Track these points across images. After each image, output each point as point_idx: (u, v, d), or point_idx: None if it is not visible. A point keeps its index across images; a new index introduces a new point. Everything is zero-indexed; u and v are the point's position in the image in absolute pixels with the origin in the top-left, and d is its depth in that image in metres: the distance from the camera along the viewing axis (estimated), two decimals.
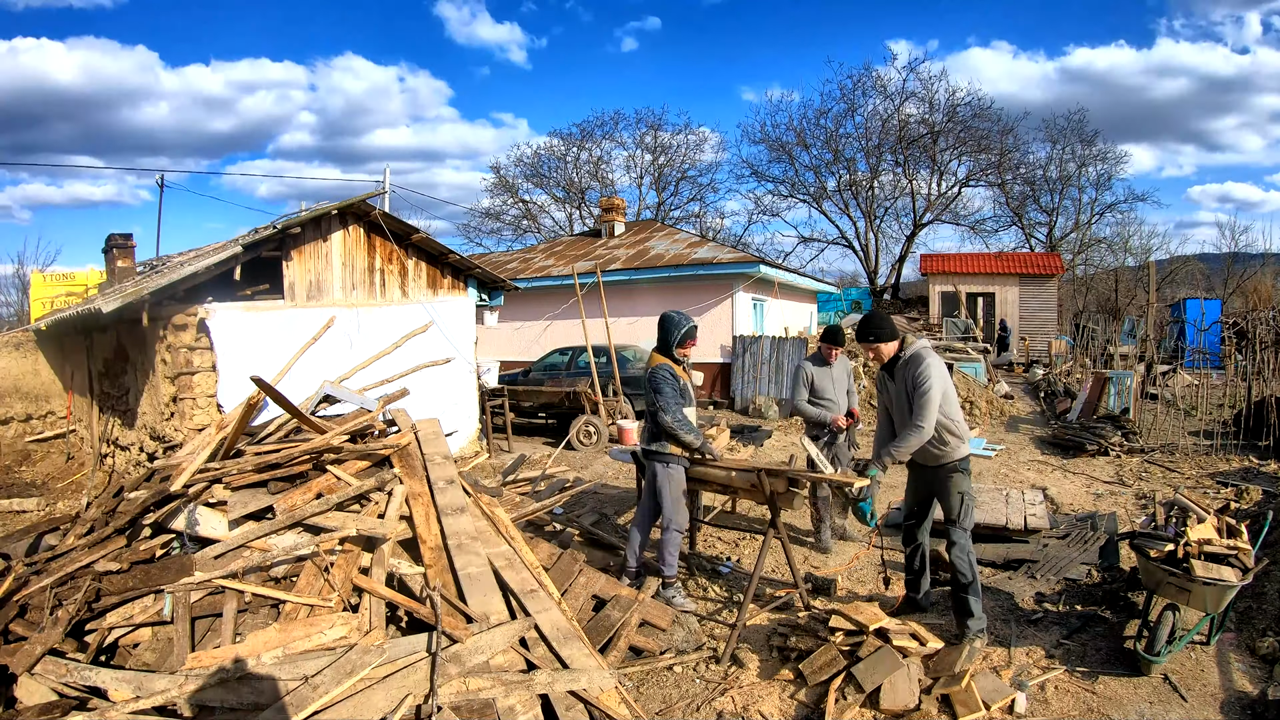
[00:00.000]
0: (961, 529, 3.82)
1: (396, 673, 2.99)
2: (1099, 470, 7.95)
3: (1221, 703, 3.31)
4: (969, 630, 3.78)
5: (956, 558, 3.80)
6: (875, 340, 3.85)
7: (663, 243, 16.76)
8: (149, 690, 2.89)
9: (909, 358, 3.82)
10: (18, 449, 10.08)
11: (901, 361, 3.86)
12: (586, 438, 9.88)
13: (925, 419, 3.63)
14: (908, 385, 3.78)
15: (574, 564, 4.16)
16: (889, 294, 28.97)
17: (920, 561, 4.23)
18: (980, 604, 3.83)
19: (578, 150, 33.01)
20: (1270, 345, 12.88)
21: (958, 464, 3.84)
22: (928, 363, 3.72)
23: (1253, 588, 4.45)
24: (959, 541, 3.82)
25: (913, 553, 4.24)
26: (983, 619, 3.82)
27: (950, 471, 3.84)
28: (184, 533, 3.65)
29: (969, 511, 3.85)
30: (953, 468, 3.84)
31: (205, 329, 6.59)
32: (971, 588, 3.79)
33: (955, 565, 3.81)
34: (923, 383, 3.67)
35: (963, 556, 3.80)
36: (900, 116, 28.96)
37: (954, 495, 3.83)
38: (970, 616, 3.80)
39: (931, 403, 3.64)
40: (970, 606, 3.80)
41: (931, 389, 3.65)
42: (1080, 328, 18.07)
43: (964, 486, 3.84)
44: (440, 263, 8.76)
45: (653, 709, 3.37)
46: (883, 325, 3.87)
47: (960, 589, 3.81)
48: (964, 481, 3.85)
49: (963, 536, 3.82)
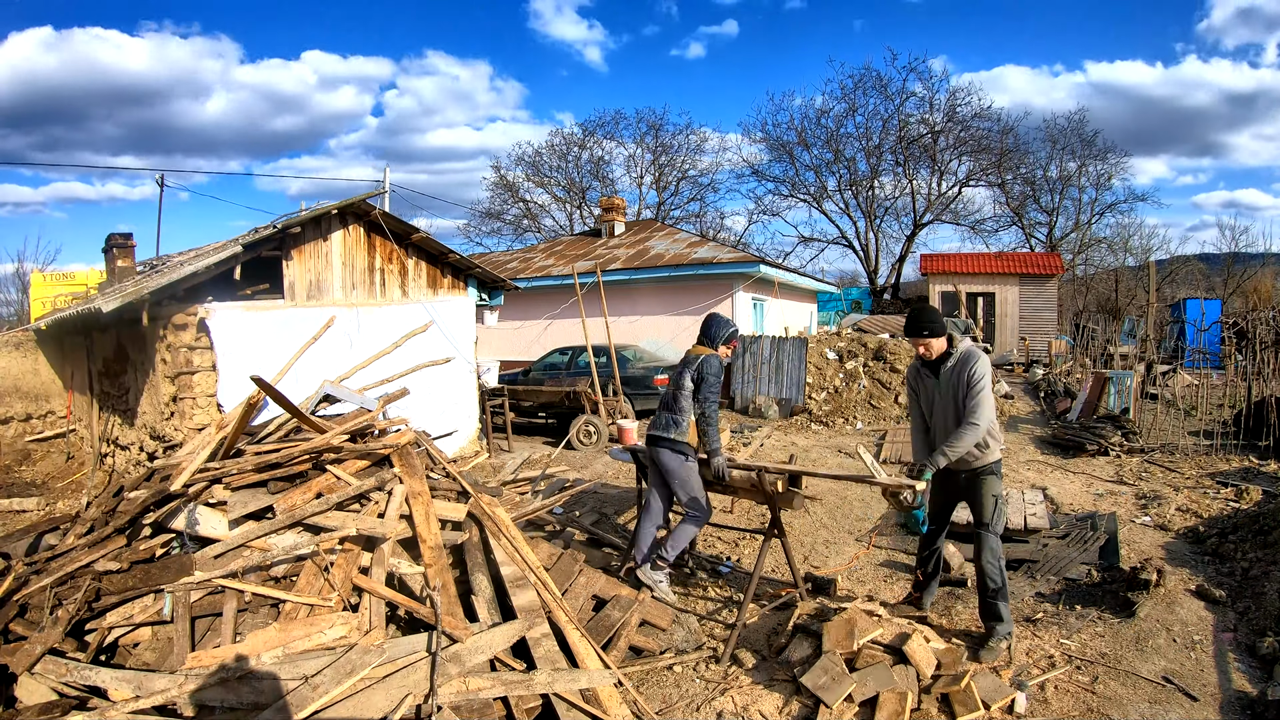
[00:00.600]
0: (993, 533, 3.77)
1: (396, 673, 3.00)
2: (1099, 470, 7.95)
3: (1221, 703, 3.31)
4: (996, 633, 3.76)
5: (987, 562, 3.74)
6: (929, 335, 3.76)
7: (663, 242, 16.76)
8: (149, 690, 2.89)
9: (961, 356, 3.75)
10: (18, 449, 10.08)
11: (953, 359, 3.77)
12: (586, 437, 9.88)
13: (981, 417, 3.60)
14: (960, 384, 3.72)
15: (574, 564, 4.17)
16: (889, 294, 28.96)
17: (934, 566, 4.19)
18: (1009, 609, 3.79)
19: (578, 150, 33.06)
20: (1270, 345, 12.88)
21: (993, 466, 3.81)
22: (981, 360, 3.69)
23: (1253, 587, 4.46)
24: (990, 545, 3.76)
25: (928, 557, 4.19)
26: (1010, 624, 3.80)
27: (985, 474, 3.79)
28: (184, 532, 3.65)
29: (1001, 515, 3.81)
30: (988, 470, 3.80)
31: (205, 328, 6.59)
32: (1001, 593, 3.75)
33: (985, 570, 3.75)
34: (977, 380, 3.64)
35: (994, 561, 3.74)
36: (901, 116, 29.00)
37: (988, 498, 3.79)
38: (999, 621, 3.77)
39: (986, 401, 3.62)
40: (999, 611, 3.76)
41: (987, 387, 3.63)
42: (1080, 328, 18.06)
43: (997, 490, 3.81)
44: (440, 262, 8.76)
45: (653, 709, 3.37)
46: (935, 320, 3.77)
47: (989, 594, 3.76)
48: (997, 485, 3.81)
49: (994, 540, 3.77)
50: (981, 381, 3.64)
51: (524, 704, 3.08)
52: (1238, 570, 4.79)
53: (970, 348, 3.79)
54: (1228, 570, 4.85)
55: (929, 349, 3.79)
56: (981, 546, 3.78)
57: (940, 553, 4.18)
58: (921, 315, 3.79)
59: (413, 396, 5.68)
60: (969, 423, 3.61)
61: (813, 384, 12.12)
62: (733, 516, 6.45)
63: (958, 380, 3.74)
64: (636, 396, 11.16)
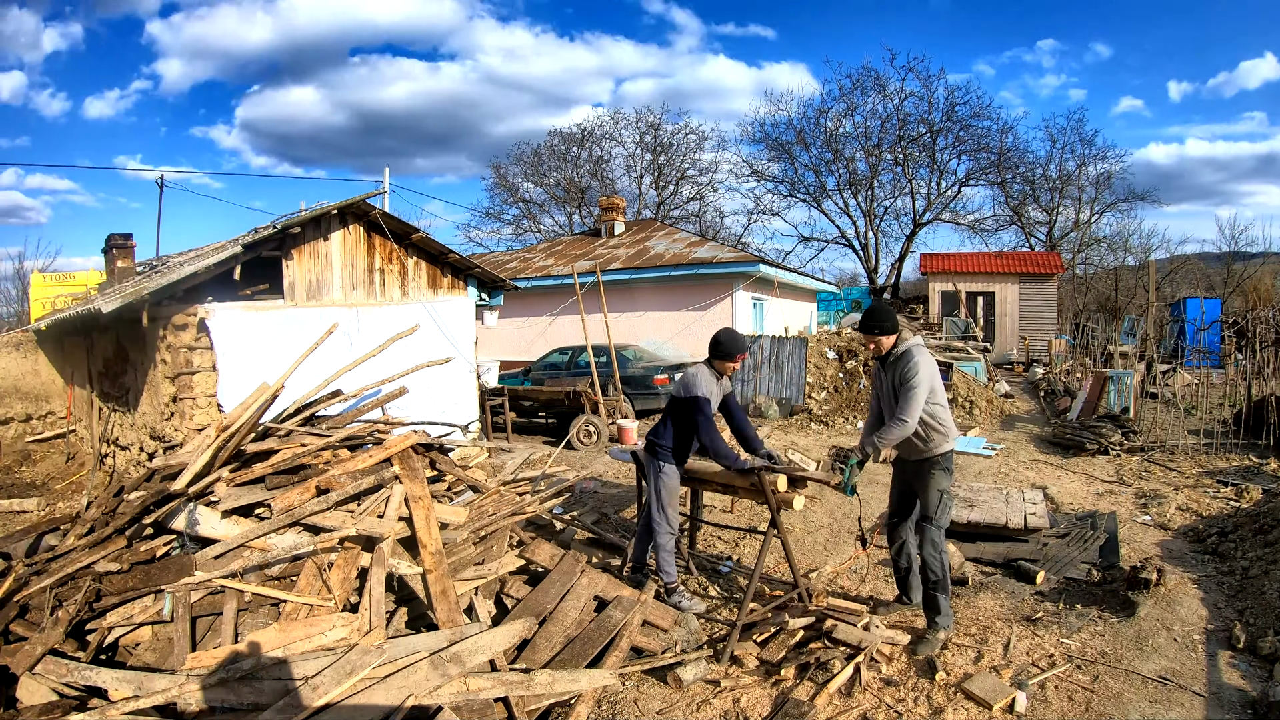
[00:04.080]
0: (936, 526, 3.87)
1: (397, 673, 3.00)
2: (1099, 469, 7.95)
3: (1221, 703, 3.31)
4: (935, 624, 3.88)
5: (928, 555, 3.85)
6: (879, 332, 3.93)
7: (662, 242, 16.76)
8: (149, 690, 2.89)
9: (901, 353, 3.90)
10: (18, 449, 10.09)
11: (893, 356, 3.93)
12: (586, 437, 9.88)
13: (909, 413, 3.70)
14: (897, 379, 3.86)
15: (575, 565, 4.16)
16: (889, 293, 28.95)
17: (906, 560, 4.25)
18: (949, 602, 3.92)
19: (578, 149, 33.04)
20: (1270, 344, 12.89)
21: (939, 460, 3.89)
22: (916, 359, 3.81)
23: (1253, 586, 4.46)
24: (933, 538, 3.86)
25: (898, 551, 4.28)
26: (949, 616, 3.92)
27: (931, 467, 3.89)
28: (184, 533, 3.66)
29: (946, 510, 3.91)
30: (933, 463, 3.89)
31: (205, 329, 6.59)
32: (940, 585, 3.86)
33: (926, 562, 3.86)
34: (910, 377, 3.76)
35: (934, 554, 3.85)
36: (900, 115, 28.99)
37: (933, 492, 3.88)
38: (938, 614, 3.88)
39: (917, 398, 3.71)
40: (939, 604, 3.88)
41: (919, 384, 3.72)
42: (1080, 327, 18.05)
43: (944, 484, 3.89)
44: (440, 262, 8.76)
45: (653, 708, 3.37)
46: (886, 318, 3.95)
47: (930, 585, 3.89)
48: (944, 479, 3.90)
49: (937, 534, 3.87)
50: (914, 378, 3.74)
51: (526, 705, 3.08)
52: (1238, 569, 4.79)
53: (911, 346, 3.91)
54: (1228, 569, 4.85)
55: (879, 345, 3.96)
56: (923, 539, 3.89)
57: (908, 545, 4.23)
58: (874, 313, 3.97)
59: (413, 396, 5.69)
60: (897, 418, 3.73)
61: (813, 383, 12.12)
62: (733, 516, 6.46)
63: (895, 376, 3.88)
64: (636, 396, 11.16)
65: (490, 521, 4.28)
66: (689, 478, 4.59)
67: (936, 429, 3.86)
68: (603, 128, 33.14)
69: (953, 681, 3.48)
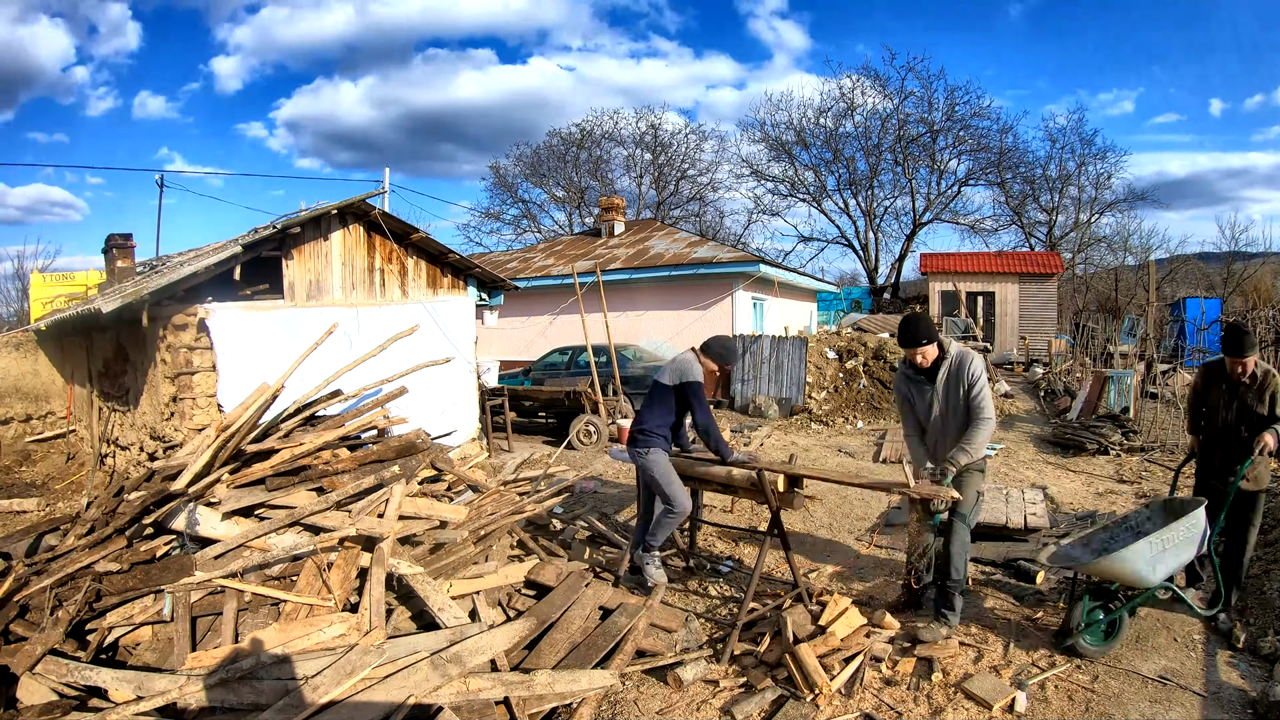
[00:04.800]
0: (966, 525, 3.90)
1: (397, 673, 3.00)
2: (1099, 469, 7.95)
3: (1221, 703, 3.31)
4: (945, 617, 3.89)
5: (955, 552, 3.86)
6: (926, 343, 3.89)
7: (662, 242, 16.76)
8: (149, 690, 2.89)
9: (957, 358, 3.89)
10: (18, 449, 10.08)
11: (949, 362, 3.90)
12: (586, 437, 9.88)
13: (990, 410, 3.76)
14: (961, 384, 3.85)
15: (581, 580, 4.14)
16: (889, 293, 28.96)
17: (928, 563, 4.24)
18: (960, 602, 3.94)
19: (577, 150, 33.01)
20: (1270, 344, 12.88)
21: (979, 463, 3.91)
22: (974, 359, 3.86)
23: (1253, 587, 4.46)
24: (961, 536, 3.88)
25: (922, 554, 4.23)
26: (957, 615, 3.93)
27: (971, 467, 3.88)
28: (184, 533, 3.66)
29: (977, 510, 3.95)
30: (975, 466, 3.90)
31: (205, 329, 6.59)
32: (958, 584, 3.89)
33: (951, 558, 3.87)
34: (977, 378, 3.80)
35: (960, 552, 3.87)
36: (900, 115, 29.00)
37: (970, 491, 3.89)
38: (951, 610, 3.90)
39: (989, 394, 3.78)
40: (952, 601, 3.89)
41: (986, 382, 3.78)
42: (1080, 327, 18.05)
43: (980, 485, 3.94)
44: (440, 262, 8.75)
45: (653, 708, 3.37)
46: (929, 329, 3.91)
47: (950, 580, 3.89)
48: (980, 481, 3.95)
49: (965, 533, 3.89)
50: (982, 378, 3.81)
51: (527, 707, 3.08)
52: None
53: (963, 349, 3.94)
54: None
55: (925, 357, 3.92)
56: (953, 535, 3.89)
57: (931, 548, 4.22)
58: (918, 325, 3.92)
59: (413, 396, 5.68)
60: (981, 418, 3.75)
61: (813, 383, 12.12)
62: (733, 516, 6.46)
63: (957, 381, 3.87)
64: (636, 396, 11.15)
65: (490, 521, 4.28)
66: (689, 478, 4.59)
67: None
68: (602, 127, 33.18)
69: (952, 681, 3.48)
